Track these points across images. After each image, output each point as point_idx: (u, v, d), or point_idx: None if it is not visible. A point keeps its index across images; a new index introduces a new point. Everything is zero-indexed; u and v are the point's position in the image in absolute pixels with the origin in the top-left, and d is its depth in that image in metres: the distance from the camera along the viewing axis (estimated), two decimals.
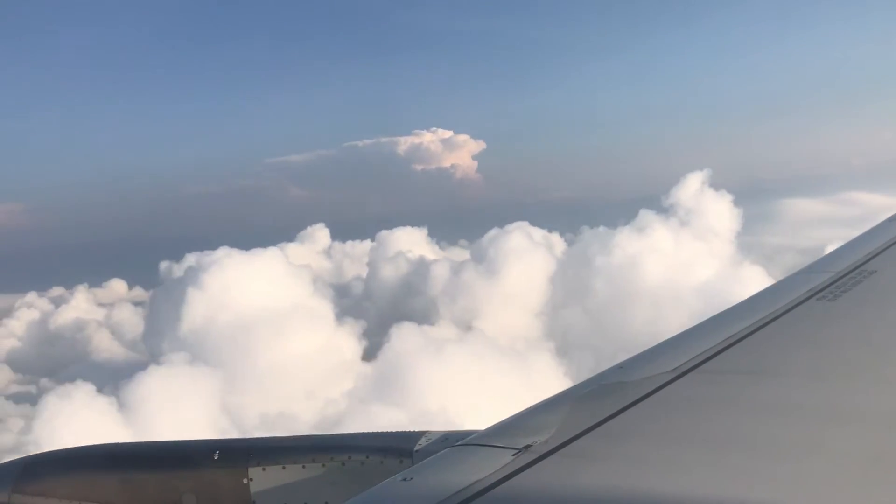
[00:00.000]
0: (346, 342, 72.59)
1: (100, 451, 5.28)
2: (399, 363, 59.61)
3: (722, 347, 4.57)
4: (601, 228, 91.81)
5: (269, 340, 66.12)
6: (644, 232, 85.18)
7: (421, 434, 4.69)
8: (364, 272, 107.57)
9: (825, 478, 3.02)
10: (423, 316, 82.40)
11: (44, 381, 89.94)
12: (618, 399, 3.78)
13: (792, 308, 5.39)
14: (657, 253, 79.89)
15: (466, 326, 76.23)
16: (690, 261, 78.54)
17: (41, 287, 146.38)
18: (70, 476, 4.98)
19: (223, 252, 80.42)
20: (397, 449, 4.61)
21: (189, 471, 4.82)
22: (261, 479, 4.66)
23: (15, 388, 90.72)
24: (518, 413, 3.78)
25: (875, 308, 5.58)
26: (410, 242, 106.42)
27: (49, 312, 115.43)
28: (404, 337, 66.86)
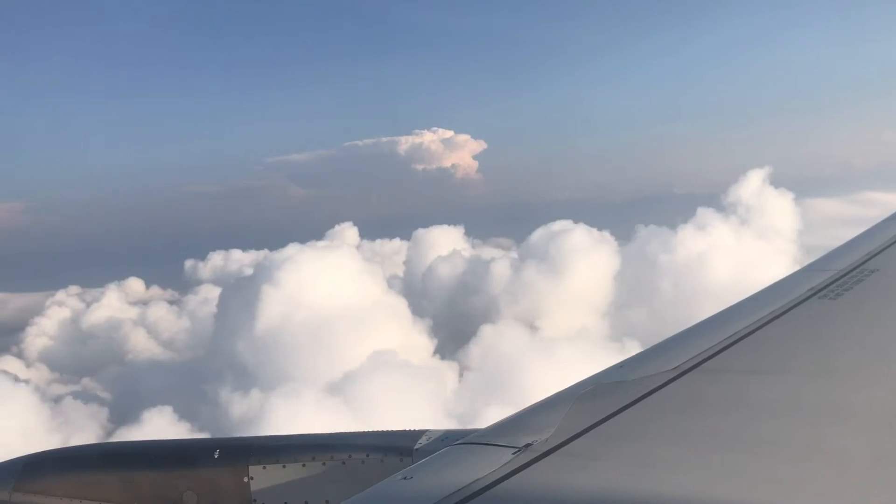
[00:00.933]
0: (422, 339, 71.91)
1: (100, 449, 5.32)
2: (489, 361, 59.20)
3: (723, 346, 4.57)
4: (652, 227, 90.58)
5: (349, 338, 64.32)
6: (705, 230, 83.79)
7: (421, 433, 4.70)
8: (399, 271, 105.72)
9: (826, 477, 3.02)
10: (484, 314, 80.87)
11: (86, 381, 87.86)
12: (618, 398, 3.77)
13: (793, 307, 5.38)
14: (720, 251, 78.33)
15: (529, 325, 74.62)
16: (756, 260, 76.11)
17: (56, 286, 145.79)
18: (70, 475, 4.96)
19: (293, 249, 79.37)
20: (398, 447, 4.62)
21: (190, 469, 4.82)
22: (261, 477, 4.67)
23: (59, 388, 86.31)
24: (518, 412, 3.78)
25: (876, 307, 5.57)
26: (447, 241, 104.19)
27: (80, 311, 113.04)
28: (495, 336, 66.93)
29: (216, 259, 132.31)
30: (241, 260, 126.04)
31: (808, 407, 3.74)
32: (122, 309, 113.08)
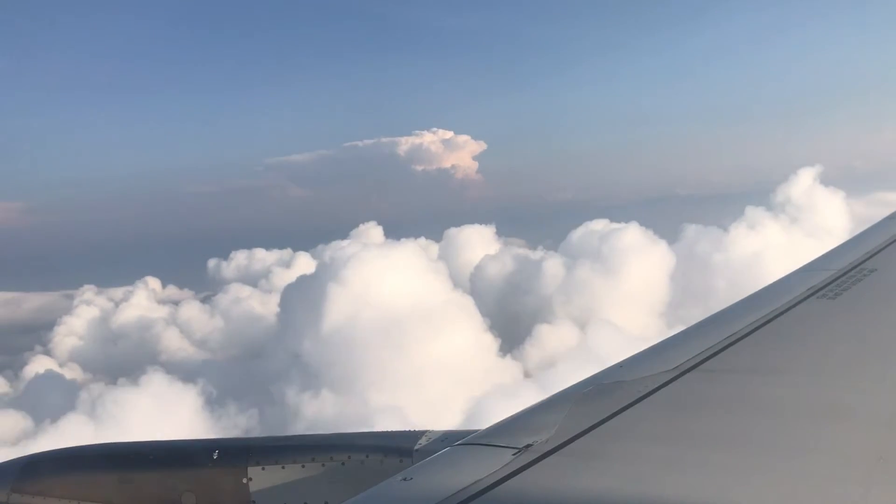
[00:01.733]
0: (487, 338, 70.81)
1: (99, 450, 5.28)
2: (549, 360, 58.15)
3: (722, 346, 4.54)
4: (699, 226, 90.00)
5: (418, 335, 63.86)
6: (755, 229, 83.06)
7: (421, 433, 4.68)
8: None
9: (825, 476, 3.01)
10: (538, 314, 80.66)
11: (122, 381, 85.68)
12: (618, 398, 3.75)
13: (792, 306, 5.37)
14: (772, 250, 77.02)
15: (584, 325, 73.73)
16: (809, 259, 75.20)
17: (69, 286, 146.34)
18: (69, 475, 4.92)
19: (356, 246, 78.93)
20: (397, 448, 4.60)
21: (188, 470, 4.79)
22: (260, 478, 4.65)
23: (97, 388, 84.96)
24: (518, 413, 3.75)
25: (875, 306, 5.57)
26: (479, 240, 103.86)
27: (109, 310, 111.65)
28: (551, 335, 65.42)
29: (240, 258, 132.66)
30: (264, 259, 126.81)
31: (808, 407, 3.74)
32: (151, 308, 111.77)
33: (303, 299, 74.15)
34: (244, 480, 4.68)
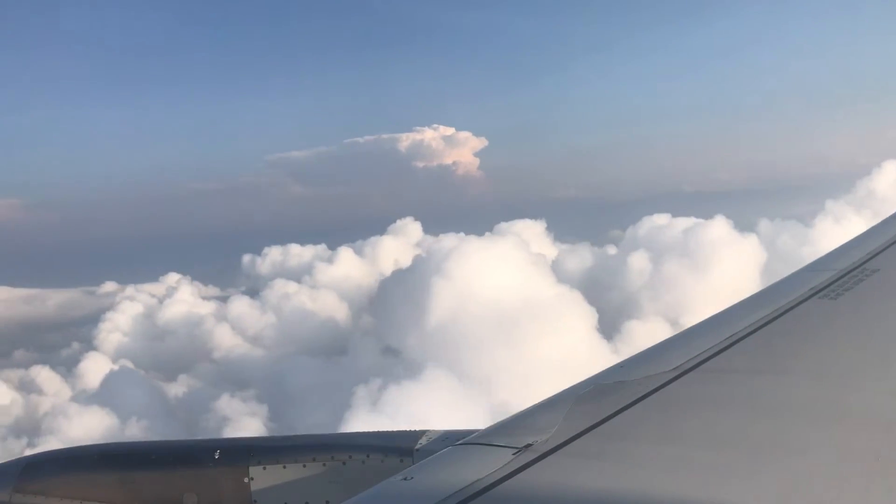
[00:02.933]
0: (595, 334, 68.73)
1: (100, 450, 5.27)
2: None
3: (723, 346, 4.55)
4: (778, 220, 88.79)
5: (529, 330, 61.86)
6: (840, 224, 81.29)
7: (421, 433, 4.68)
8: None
9: (826, 477, 3.02)
10: (623, 310, 78.80)
11: (182, 378, 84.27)
12: (618, 398, 3.76)
13: (793, 307, 5.36)
14: None
15: (674, 322, 71.34)
16: None
17: (90, 282, 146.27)
18: (71, 475, 4.94)
19: (454, 240, 77.14)
20: (398, 448, 4.60)
21: (190, 470, 4.80)
22: (262, 478, 4.65)
23: (173, 387, 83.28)
24: (518, 412, 3.76)
25: (876, 306, 5.55)
26: (531, 235, 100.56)
27: (153, 307, 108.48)
28: (643, 331, 64.98)
29: (275, 254, 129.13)
30: (300, 254, 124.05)
31: (809, 407, 3.73)
32: (196, 304, 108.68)
33: (401, 294, 72.70)
34: (245, 480, 4.67)
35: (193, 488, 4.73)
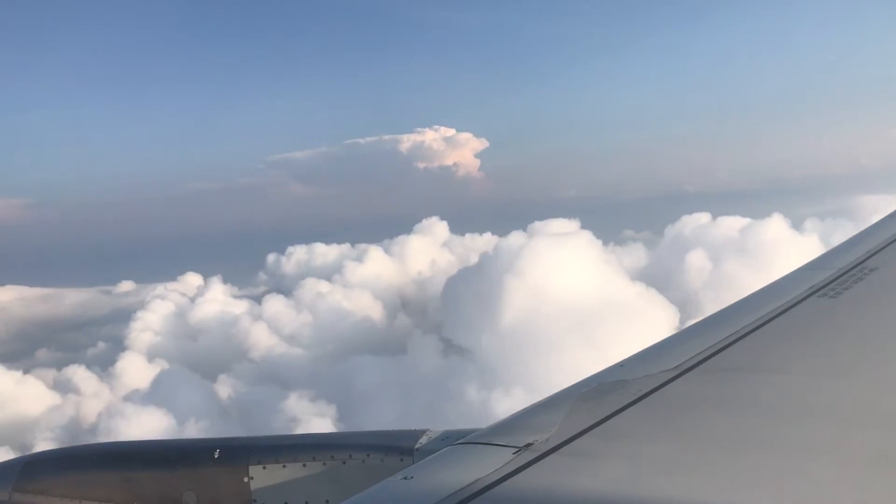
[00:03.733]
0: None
1: (100, 449, 5.30)
2: None
3: (723, 345, 4.56)
4: (828, 220, 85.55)
5: (607, 330, 59.33)
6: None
7: (422, 432, 4.69)
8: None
9: (827, 476, 3.02)
10: (684, 308, 74.26)
11: (222, 377, 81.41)
12: (619, 397, 3.76)
13: (793, 305, 5.38)
14: None
15: None
16: None
17: (105, 282, 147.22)
18: (70, 475, 4.94)
19: (519, 237, 75.87)
20: (398, 447, 4.61)
21: (190, 469, 4.80)
22: (261, 477, 4.66)
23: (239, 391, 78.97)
24: (519, 411, 3.77)
25: (876, 305, 5.56)
26: (566, 233, 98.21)
27: (184, 305, 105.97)
28: None
29: (300, 253, 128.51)
30: (325, 254, 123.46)
31: (809, 406, 3.73)
32: (228, 303, 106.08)
33: (469, 292, 70.93)
34: (245, 479, 4.67)
35: (193, 488, 4.73)
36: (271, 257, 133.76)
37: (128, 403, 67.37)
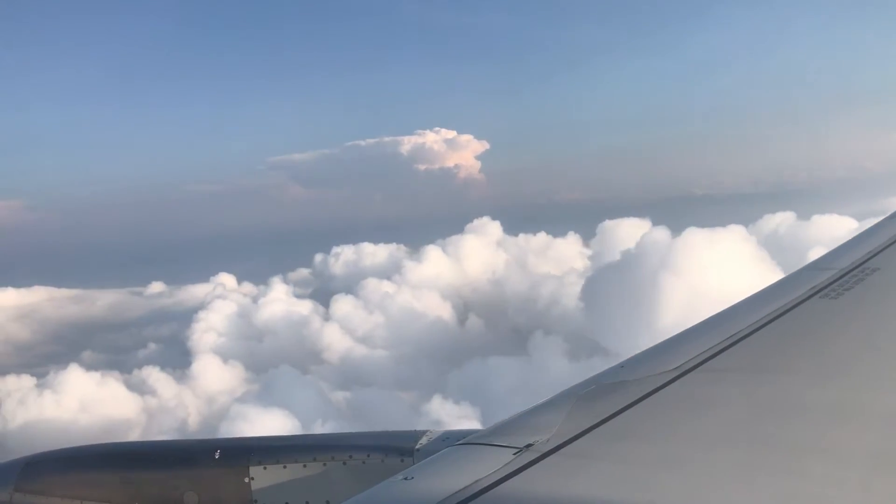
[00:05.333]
0: None
1: (101, 450, 5.29)
2: None
3: (724, 346, 4.56)
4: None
5: None
6: None
7: (422, 433, 4.69)
8: (579, 266, 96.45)
9: (828, 476, 3.02)
10: None
11: (308, 379, 77.28)
12: (619, 398, 3.76)
13: (794, 306, 5.38)
14: None
15: None
16: None
17: (135, 283, 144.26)
18: (71, 475, 4.96)
19: (663, 233, 71.81)
20: (398, 448, 4.61)
21: (191, 470, 4.82)
22: (262, 477, 4.67)
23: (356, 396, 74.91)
24: (519, 412, 3.77)
25: (877, 306, 5.57)
26: (637, 234, 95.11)
27: (246, 306, 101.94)
28: None
29: (347, 253, 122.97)
30: (374, 254, 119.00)
31: (809, 407, 3.72)
32: (292, 303, 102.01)
33: (614, 290, 68.12)
34: (246, 480, 4.68)
35: (194, 488, 4.73)
36: (319, 257, 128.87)
37: (245, 405, 64.27)
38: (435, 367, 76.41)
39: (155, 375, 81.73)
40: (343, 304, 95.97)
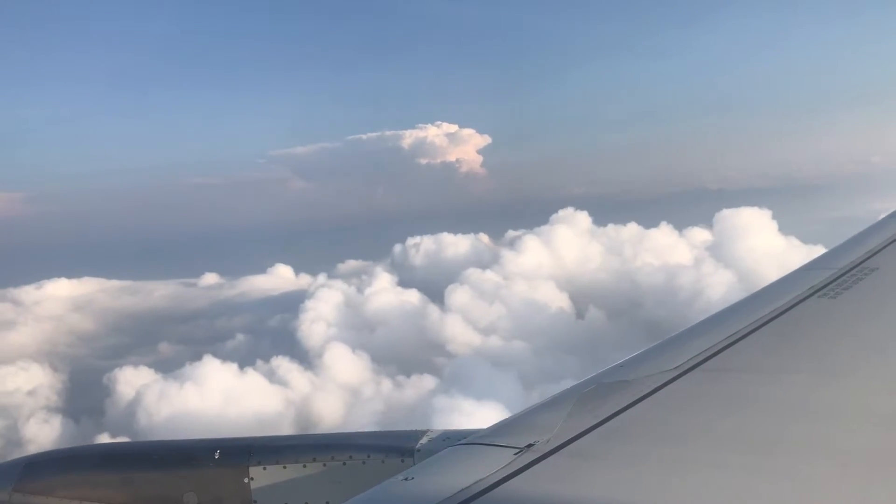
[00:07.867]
0: None
1: (101, 450, 5.39)
2: None
3: (724, 345, 4.58)
4: None
5: None
6: None
7: (422, 433, 4.68)
8: (691, 257, 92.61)
9: (827, 476, 3.03)
10: None
11: (424, 379, 72.24)
12: (620, 398, 3.78)
13: (793, 306, 5.39)
14: None
15: None
16: None
17: (189, 274, 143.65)
18: (71, 475, 4.97)
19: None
20: (399, 448, 4.61)
21: (190, 470, 4.83)
22: (262, 478, 4.67)
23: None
24: (520, 412, 3.79)
25: (876, 305, 5.57)
26: (758, 225, 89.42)
27: (351, 296, 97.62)
28: None
29: (427, 243, 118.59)
30: (455, 244, 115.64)
31: (809, 406, 3.73)
32: (398, 292, 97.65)
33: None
34: (245, 480, 4.68)
35: (193, 488, 4.74)
36: (398, 247, 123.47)
37: (441, 397, 61.09)
38: (579, 360, 72.23)
39: (285, 366, 76.81)
40: (459, 295, 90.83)
